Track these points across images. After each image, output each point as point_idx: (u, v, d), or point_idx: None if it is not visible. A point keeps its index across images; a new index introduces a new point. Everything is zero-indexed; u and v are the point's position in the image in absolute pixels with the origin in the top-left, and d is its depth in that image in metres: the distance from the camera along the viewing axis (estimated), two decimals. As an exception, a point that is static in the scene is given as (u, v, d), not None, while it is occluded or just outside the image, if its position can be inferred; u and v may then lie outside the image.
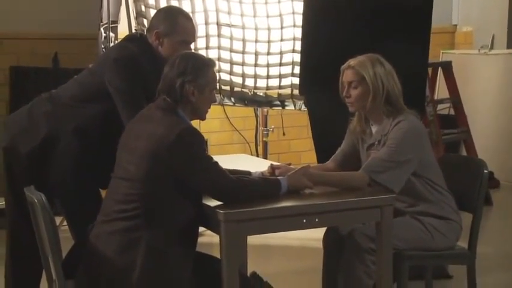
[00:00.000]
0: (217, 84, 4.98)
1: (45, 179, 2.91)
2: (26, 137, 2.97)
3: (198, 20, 4.94)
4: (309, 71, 4.17)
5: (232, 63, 5.07)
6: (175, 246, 2.53)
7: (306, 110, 4.67)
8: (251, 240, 3.45)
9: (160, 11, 3.18)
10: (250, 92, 5.16)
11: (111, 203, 2.61)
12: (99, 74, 2.96)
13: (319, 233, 3.15)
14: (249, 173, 2.91)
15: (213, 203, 2.59)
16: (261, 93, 5.18)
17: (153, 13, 3.47)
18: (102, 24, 5.01)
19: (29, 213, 2.62)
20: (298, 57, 4.62)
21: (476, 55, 6.83)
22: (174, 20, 3.00)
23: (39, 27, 5.50)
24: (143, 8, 4.87)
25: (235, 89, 5.14)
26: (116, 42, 4.73)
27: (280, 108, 5.28)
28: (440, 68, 6.18)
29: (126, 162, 2.60)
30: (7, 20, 5.41)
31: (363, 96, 3.00)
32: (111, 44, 4.85)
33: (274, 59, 5.05)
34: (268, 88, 5.12)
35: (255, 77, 5.08)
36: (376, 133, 3.06)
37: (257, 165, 3.13)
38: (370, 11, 4.06)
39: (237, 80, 5.11)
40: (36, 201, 2.45)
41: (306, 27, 4.22)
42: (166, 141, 2.51)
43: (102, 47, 4.95)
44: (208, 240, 3.84)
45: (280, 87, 5.09)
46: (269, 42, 5.03)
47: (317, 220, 2.65)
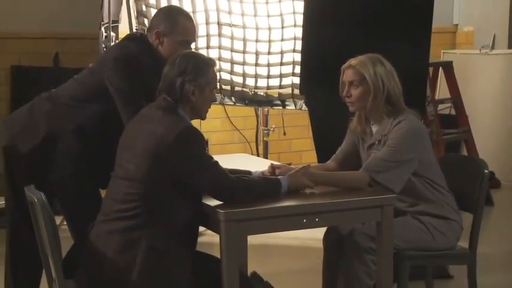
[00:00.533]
0: (218, 83, 4.98)
1: (45, 178, 2.91)
2: (26, 136, 2.97)
3: (199, 20, 4.95)
4: (309, 70, 4.17)
5: (233, 63, 5.07)
6: (175, 246, 2.53)
7: (306, 109, 4.66)
8: (251, 239, 3.44)
9: (160, 11, 3.18)
10: (251, 92, 5.16)
11: (111, 202, 2.60)
12: (99, 73, 2.96)
13: (320, 232, 3.15)
14: (249, 172, 2.91)
15: (213, 202, 2.59)
16: (261, 93, 5.18)
17: (153, 12, 3.46)
18: (103, 23, 5.01)
19: (29, 213, 2.62)
20: (298, 57, 4.62)
21: (477, 55, 6.82)
22: (175, 20, 3.00)
23: (40, 27, 5.51)
24: (144, 8, 4.87)
25: (235, 88, 5.15)
26: (117, 41, 4.73)
27: (280, 107, 5.28)
28: (441, 68, 6.18)
29: (126, 162, 2.60)
30: (8, 20, 5.42)
31: (364, 96, 3.00)
32: (112, 44, 4.85)
33: (275, 59, 5.06)
34: (268, 88, 5.12)
35: (256, 76, 5.08)
36: (376, 133, 3.06)
37: (257, 165, 3.13)
38: (371, 11, 4.05)
39: (238, 80, 5.11)
40: (36, 200, 2.45)
41: (306, 27, 4.21)
42: (167, 141, 2.51)
43: (103, 46, 4.95)
44: (209, 239, 3.84)
45: (280, 87, 5.09)
46: (270, 41, 5.03)
47: (317, 220, 2.65)
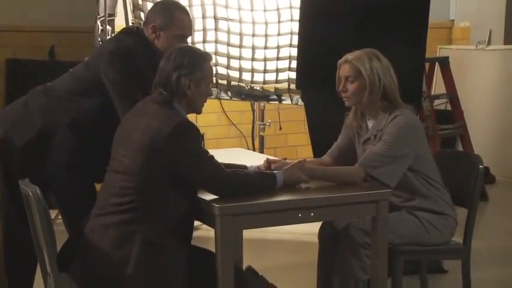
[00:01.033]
0: (214, 78, 4.98)
1: (40, 172, 2.91)
2: (20, 129, 2.96)
3: (196, 14, 4.94)
4: (305, 65, 4.17)
5: (229, 57, 5.06)
6: (170, 240, 2.53)
7: (302, 104, 4.67)
8: (247, 234, 3.44)
9: (157, 5, 3.17)
10: (247, 86, 5.16)
11: (106, 196, 2.60)
12: (95, 67, 2.95)
13: (315, 227, 3.15)
14: (244, 167, 2.91)
15: (208, 196, 2.58)
16: (257, 88, 5.18)
17: (150, 6, 3.46)
18: (99, 17, 4.99)
19: (23, 207, 2.62)
20: (295, 52, 4.62)
21: (474, 51, 6.83)
22: (171, 14, 2.99)
23: (36, 20, 5.49)
24: (140, 1, 4.86)
25: (232, 83, 5.14)
26: (113, 35, 4.72)
27: (277, 102, 5.28)
28: (437, 64, 6.18)
29: (121, 156, 2.60)
30: (4, 13, 5.40)
31: (360, 90, 2.99)
32: (108, 37, 4.84)
33: (272, 53, 5.05)
34: (265, 82, 5.12)
35: (252, 71, 5.08)
36: (372, 128, 3.06)
37: (253, 160, 3.13)
38: (368, 6, 4.06)
39: (234, 74, 5.10)
40: (30, 194, 2.44)
41: (303, 22, 4.21)
42: (162, 135, 2.51)
43: (99, 40, 4.94)
44: (205, 234, 3.84)
45: (277, 82, 5.09)
46: (266, 36, 5.03)
47: (312, 214, 2.65)
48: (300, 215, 2.63)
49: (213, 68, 4.22)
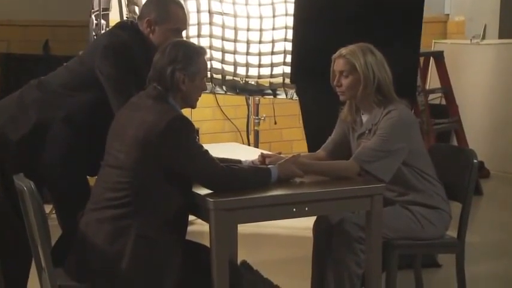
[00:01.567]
0: (209, 72, 4.97)
1: (34, 166, 2.90)
2: (15, 125, 2.94)
3: (190, 8, 4.92)
4: (300, 59, 4.16)
5: (223, 52, 5.05)
6: (164, 235, 2.53)
7: (297, 99, 4.66)
8: (241, 229, 3.45)
9: None
10: (242, 81, 5.15)
11: (101, 190, 2.60)
12: (89, 61, 2.94)
13: (310, 221, 3.15)
14: (239, 161, 2.91)
15: (203, 191, 2.58)
16: (252, 82, 5.17)
17: (144, 0, 3.44)
18: (93, 11, 4.98)
19: (18, 202, 2.61)
20: (290, 46, 4.61)
21: (468, 45, 6.84)
22: (166, 8, 2.99)
23: (30, 14, 5.47)
24: (134, -4, 4.85)
25: (226, 77, 5.13)
26: (107, 29, 4.70)
27: (271, 97, 5.28)
28: (432, 58, 6.19)
29: (115, 150, 2.59)
30: (-3, 7, 5.39)
31: (354, 85, 3.00)
32: (103, 32, 4.83)
33: (266, 48, 5.04)
34: (259, 77, 5.11)
35: (247, 65, 5.07)
36: (366, 122, 3.06)
37: (248, 154, 3.13)
38: (362, 1, 4.05)
39: (229, 69, 5.09)
40: (25, 188, 2.43)
41: (297, 16, 4.21)
42: (156, 130, 2.50)
43: (94, 34, 4.93)
44: (199, 228, 3.84)
45: (271, 76, 5.08)
46: (261, 30, 5.02)
47: (307, 209, 2.65)
48: (295, 210, 2.63)
49: (208, 63, 4.22)
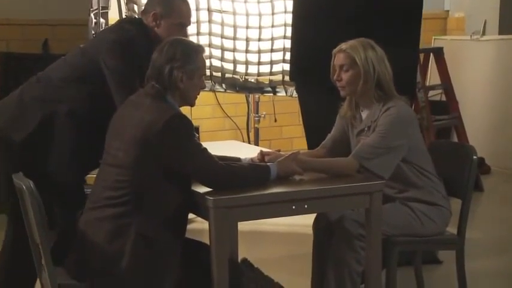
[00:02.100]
0: (209, 70, 4.98)
1: (39, 164, 2.85)
2: (17, 125, 2.90)
3: (189, 6, 4.92)
4: (299, 57, 4.16)
5: (223, 50, 5.05)
6: (164, 233, 2.53)
7: (297, 96, 4.66)
8: (242, 226, 3.45)
9: None
10: (242, 78, 5.15)
11: (100, 189, 2.60)
12: (93, 54, 2.91)
13: (310, 219, 3.16)
14: (238, 159, 2.91)
15: (202, 189, 2.58)
16: (252, 80, 5.17)
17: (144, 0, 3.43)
18: (92, 10, 4.98)
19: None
20: (289, 44, 4.61)
21: (468, 41, 6.83)
22: (170, 2, 2.98)
23: (30, 13, 5.47)
24: (133, -6, 4.85)
25: (226, 75, 5.14)
26: (113, 23, 4.67)
27: (271, 94, 5.28)
28: (432, 54, 6.18)
29: (115, 149, 2.59)
30: (-4, 6, 5.39)
31: (354, 79, 2.99)
32: (101, 30, 4.82)
33: (266, 45, 5.05)
34: (259, 74, 5.12)
35: (246, 63, 5.07)
36: (366, 119, 3.06)
37: (248, 152, 3.13)
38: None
39: (228, 66, 5.10)
40: (24, 187, 2.43)
41: (296, 13, 4.20)
42: (155, 129, 2.50)
43: (93, 33, 4.92)
44: (199, 226, 3.84)
45: (271, 74, 5.09)
46: (260, 28, 5.02)
47: (306, 206, 2.65)
48: (294, 207, 2.63)
49: (207, 61, 4.21)
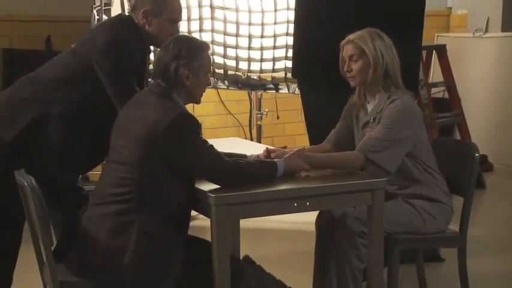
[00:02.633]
0: (211, 67, 4.97)
1: (30, 164, 2.78)
2: (8, 123, 2.87)
3: (192, 3, 4.92)
4: (301, 53, 4.15)
5: (225, 46, 5.05)
6: (167, 230, 2.53)
7: (299, 93, 4.65)
8: (244, 223, 3.45)
9: None
10: (244, 75, 5.15)
11: (105, 186, 2.60)
12: (86, 54, 2.88)
13: (312, 216, 3.15)
14: (244, 156, 2.90)
15: (204, 186, 2.57)
16: (254, 77, 5.16)
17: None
18: (95, 6, 4.99)
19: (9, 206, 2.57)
20: (291, 41, 4.60)
21: (471, 38, 6.82)
22: None
23: (32, 10, 5.47)
24: (136, -10, 4.83)
25: (228, 72, 5.13)
26: (102, 22, 4.63)
27: (274, 91, 5.27)
28: (434, 51, 6.18)
29: (120, 147, 2.59)
30: (0, 2, 5.38)
31: (364, 69, 3.00)
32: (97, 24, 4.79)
33: (268, 42, 5.04)
34: (262, 71, 5.10)
35: (249, 60, 5.06)
36: (371, 111, 3.06)
37: (251, 149, 3.13)
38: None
39: (231, 63, 5.09)
40: (26, 184, 2.44)
41: (299, 10, 4.19)
42: (160, 127, 2.49)
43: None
44: (201, 224, 3.84)
45: (274, 71, 5.08)
46: (263, 25, 5.01)
47: (308, 204, 2.64)
48: (296, 204, 2.62)
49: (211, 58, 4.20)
